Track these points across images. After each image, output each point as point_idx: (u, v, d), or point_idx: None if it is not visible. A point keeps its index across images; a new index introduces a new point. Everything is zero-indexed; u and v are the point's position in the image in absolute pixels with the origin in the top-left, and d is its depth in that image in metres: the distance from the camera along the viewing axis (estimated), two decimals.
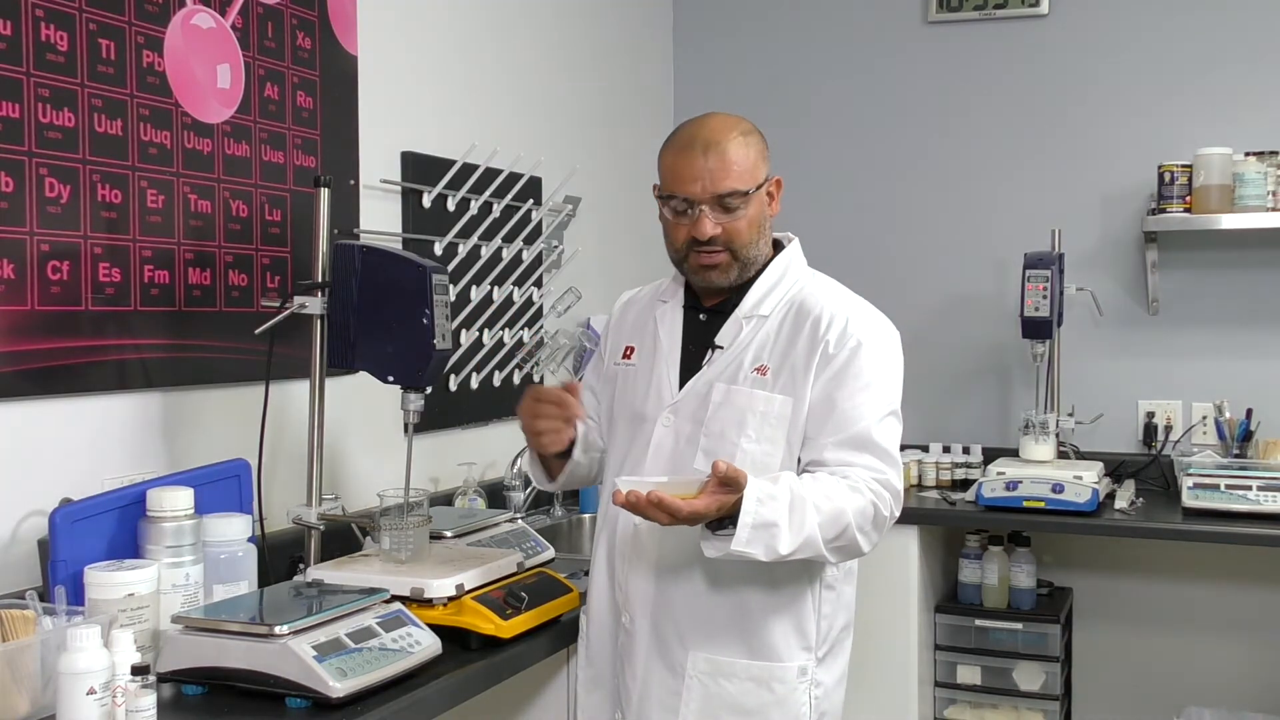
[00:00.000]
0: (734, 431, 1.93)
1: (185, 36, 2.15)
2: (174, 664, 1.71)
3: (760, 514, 1.75)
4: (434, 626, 1.88)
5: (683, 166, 1.93)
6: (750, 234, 1.96)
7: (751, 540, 1.75)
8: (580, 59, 3.53)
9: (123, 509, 1.88)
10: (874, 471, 1.88)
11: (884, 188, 3.92)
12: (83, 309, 1.97)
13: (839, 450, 1.89)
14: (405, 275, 2.02)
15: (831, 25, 3.97)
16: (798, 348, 1.94)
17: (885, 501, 1.88)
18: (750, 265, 1.99)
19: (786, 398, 1.92)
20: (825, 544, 1.81)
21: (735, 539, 1.75)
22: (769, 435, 1.92)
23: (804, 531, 1.77)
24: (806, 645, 1.96)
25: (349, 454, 2.57)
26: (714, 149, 1.92)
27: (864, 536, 1.86)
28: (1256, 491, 3.06)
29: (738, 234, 1.94)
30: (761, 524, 1.75)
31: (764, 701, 1.94)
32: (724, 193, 1.91)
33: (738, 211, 1.93)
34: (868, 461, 1.88)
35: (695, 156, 1.92)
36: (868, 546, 1.88)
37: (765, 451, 1.91)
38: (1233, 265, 3.58)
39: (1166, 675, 3.62)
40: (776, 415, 1.92)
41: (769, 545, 1.76)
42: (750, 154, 1.94)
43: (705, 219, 1.92)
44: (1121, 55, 3.67)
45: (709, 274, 1.98)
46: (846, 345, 1.92)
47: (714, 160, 1.91)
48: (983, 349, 3.82)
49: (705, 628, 1.95)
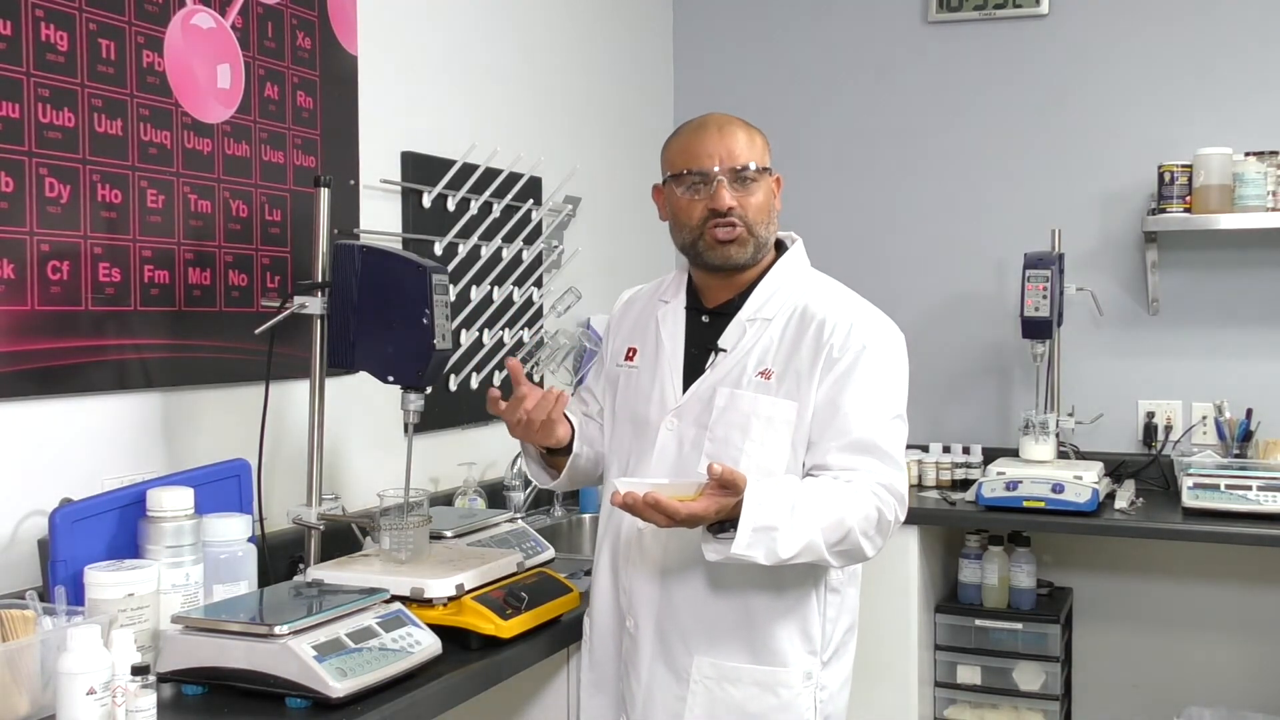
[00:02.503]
0: (738, 436, 1.93)
1: (185, 36, 2.15)
2: (174, 664, 1.71)
3: (761, 517, 1.74)
4: (434, 626, 1.88)
5: (697, 144, 1.97)
6: (763, 213, 1.98)
7: (752, 543, 1.75)
8: (580, 59, 3.53)
9: (123, 509, 1.88)
10: (878, 476, 1.88)
11: (884, 187, 3.92)
12: (83, 309, 1.97)
13: (843, 454, 1.88)
14: (405, 275, 2.02)
15: (832, 25, 3.97)
16: (802, 352, 1.94)
17: (889, 506, 1.88)
18: (763, 247, 2.00)
19: (791, 402, 1.92)
20: (828, 548, 1.80)
21: (736, 542, 1.74)
22: (773, 440, 1.91)
23: (805, 535, 1.77)
24: (811, 649, 1.96)
25: (349, 454, 2.57)
26: (728, 127, 1.98)
27: (867, 541, 1.85)
28: (1256, 491, 3.06)
29: (753, 208, 1.96)
30: (762, 527, 1.75)
31: (769, 706, 1.93)
32: (740, 165, 1.95)
33: (753, 185, 1.96)
34: (871, 466, 1.88)
35: (710, 133, 1.97)
36: (871, 551, 1.87)
37: (770, 456, 1.91)
38: (1232, 265, 3.58)
39: (1166, 675, 3.62)
40: (781, 420, 1.91)
41: (770, 549, 1.76)
42: (760, 140, 2.01)
43: (724, 189, 1.94)
44: (1121, 55, 3.67)
45: (727, 249, 1.97)
46: (850, 349, 1.91)
47: (729, 137, 1.97)
48: (983, 349, 3.82)
49: (709, 632, 1.95)
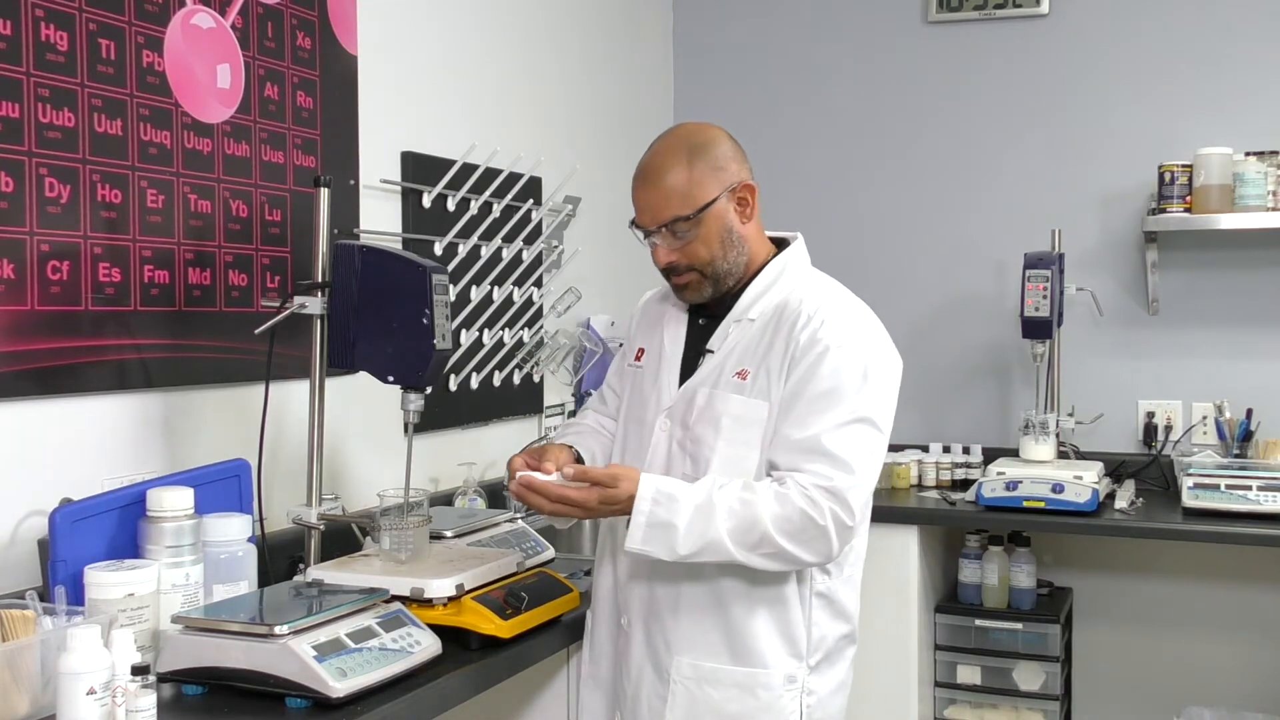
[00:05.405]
0: (711, 435, 1.94)
1: (185, 36, 2.15)
2: (174, 664, 1.71)
3: (655, 514, 1.81)
4: (434, 626, 1.88)
5: (635, 198, 1.98)
6: (710, 251, 1.95)
7: (648, 539, 1.82)
8: (580, 59, 3.53)
9: (123, 509, 1.88)
10: (819, 478, 1.83)
11: (884, 187, 3.92)
12: (83, 309, 1.97)
13: (790, 454, 1.87)
14: (405, 275, 2.02)
15: (831, 25, 3.97)
16: (774, 351, 1.94)
17: (822, 509, 1.81)
18: (725, 277, 1.98)
19: (762, 401, 1.92)
20: (740, 548, 1.81)
21: (630, 538, 1.82)
22: (744, 439, 1.92)
23: (707, 535, 1.80)
24: (796, 653, 1.95)
25: (349, 454, 2.57)
26: (651, 179, 1.95)
27: (794, 543, 1.81)
28: (1256, 491, 3.06)
29: (695, 256, 1.95)
30: (657, 524, 1.81)
31: (748, 708, 1.93)
32: (666, 221, 1.94)
33: (687, 235, 1.94)
34: (816, 467, 1.84)
35: (639, 188, 1.97)
36: (808, 555, 1.83)
37: (740, 455, 1.91)
38: (1233, 265, 3.58)
39: (1166, 675, 3.62)
40: (752, 419, 1.92)
41: (669, 546, 1.81)
42: (693, 175, 1.93)
43: (659, 248, 1.96)
44: (1121, 55, 3.67)
45: (684, 294, 2.02)
46: (814, 349, 1.90)
47: (652, 191, 1.94)
48: (983, 349, 3.82)
49: (690, 633, 1.95)
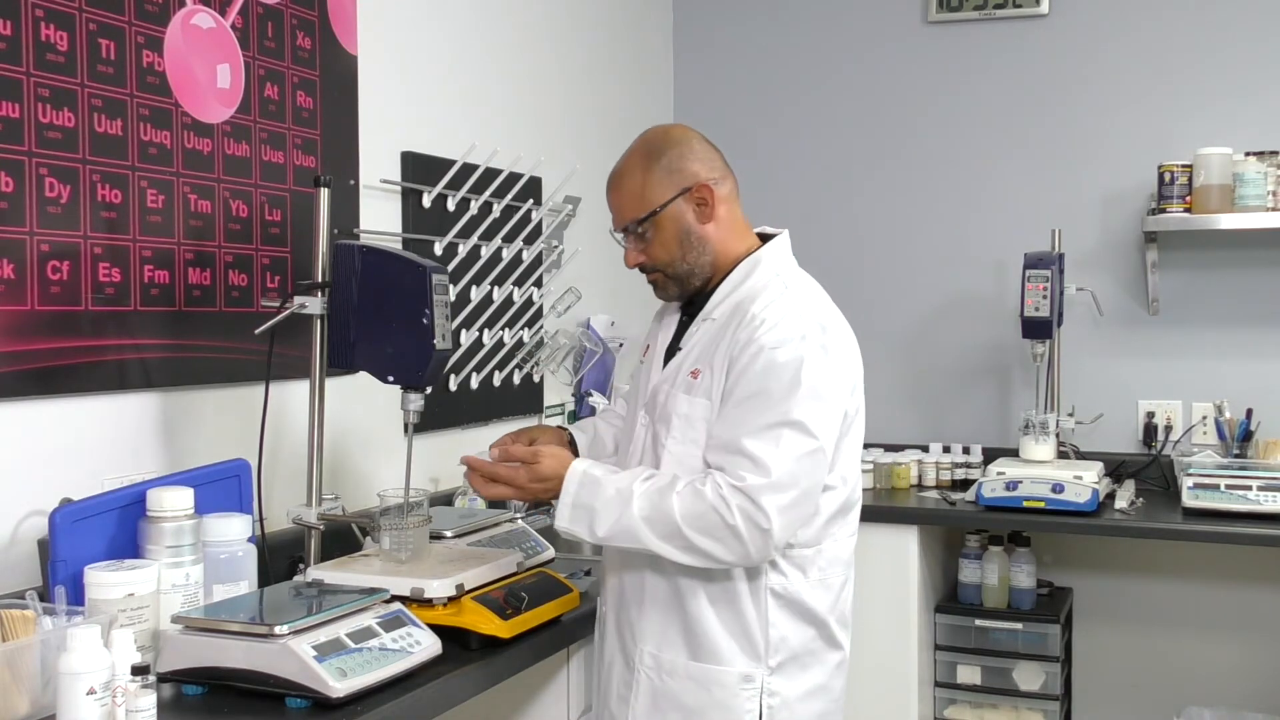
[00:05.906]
0: (664, 432, 1.97)
1: (185, 36, 2.15)
2: (174, 664, 1.71)
3: (580, 495, 1.90)
4: (434, 626, 1.88)
5: (607, 201, 2.06)
6: (668, 253, 1.99)
7: (574, 519, 1.90)
8: (580, 59, 3.53)
9: (123, 509, 1.88)
10: (734, 478, 1.83)
11: (884, 187, 3.92)
12: (83, 309, 1.97)
13: (715, 452, 1.89)
14: (405, 275, 2.02)
15: (831, 25, 3.97)
16: (719, 350, 1.95)
17: (734, 510, 1.81)
18: (689, 277, 2.02)
19: (704, 400, 1.94)
20: (656, 538, 1.85)
21: (557, 516, 1.92)
22: (691, 437, 1.94)
23: (622, 521, 1.86)
24: (753, 653, 1.93)
25: (349, 454, 2.57)
26: (613, 183, 2.04)
27: (706, 539, 1.83)
28: (1256, 491, 3.06)
29: (655, 257, 2.01)
30: (580, 505, 1.90)
31: (704, 702, 1.94)
32: (626, 225, 2.01)
33: (645, 237, 2.00)
34: (736, 468, 1.84)
35: (607, 192, 2.05)
36: (724, 553, 1.84)
37: (688, 453, 1.94)
38: (1233, 265, 3.58)
39: (1166, 675, 3.62)
40: (698, 417, 1.94)
41: (590, 527, 1.89)
42: (647, 178, 1.98)
43: (628, 250, 2.04)
44: (1121, 55, 3.67)
45: (656, 293, 2.09)
46: (749, 350, 1.90)
47: (613, 195, 2.03)
48: (983, 349, 3.81)
49: (653, 624, 1.98)
